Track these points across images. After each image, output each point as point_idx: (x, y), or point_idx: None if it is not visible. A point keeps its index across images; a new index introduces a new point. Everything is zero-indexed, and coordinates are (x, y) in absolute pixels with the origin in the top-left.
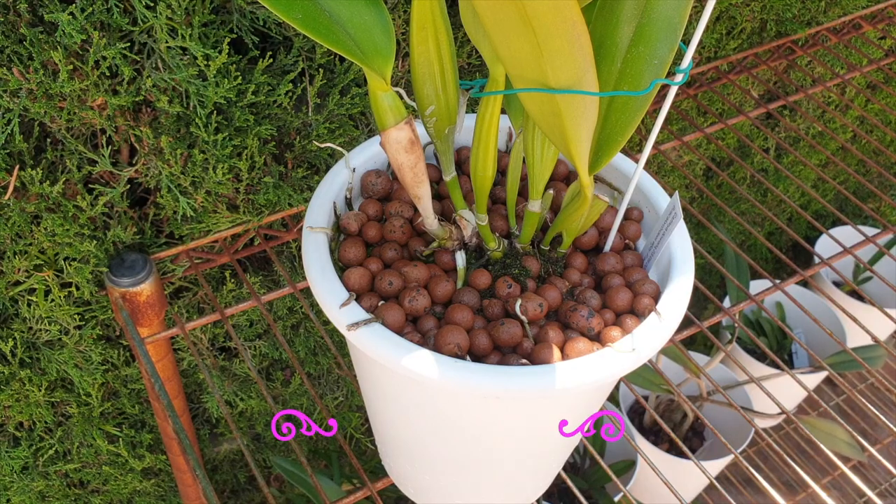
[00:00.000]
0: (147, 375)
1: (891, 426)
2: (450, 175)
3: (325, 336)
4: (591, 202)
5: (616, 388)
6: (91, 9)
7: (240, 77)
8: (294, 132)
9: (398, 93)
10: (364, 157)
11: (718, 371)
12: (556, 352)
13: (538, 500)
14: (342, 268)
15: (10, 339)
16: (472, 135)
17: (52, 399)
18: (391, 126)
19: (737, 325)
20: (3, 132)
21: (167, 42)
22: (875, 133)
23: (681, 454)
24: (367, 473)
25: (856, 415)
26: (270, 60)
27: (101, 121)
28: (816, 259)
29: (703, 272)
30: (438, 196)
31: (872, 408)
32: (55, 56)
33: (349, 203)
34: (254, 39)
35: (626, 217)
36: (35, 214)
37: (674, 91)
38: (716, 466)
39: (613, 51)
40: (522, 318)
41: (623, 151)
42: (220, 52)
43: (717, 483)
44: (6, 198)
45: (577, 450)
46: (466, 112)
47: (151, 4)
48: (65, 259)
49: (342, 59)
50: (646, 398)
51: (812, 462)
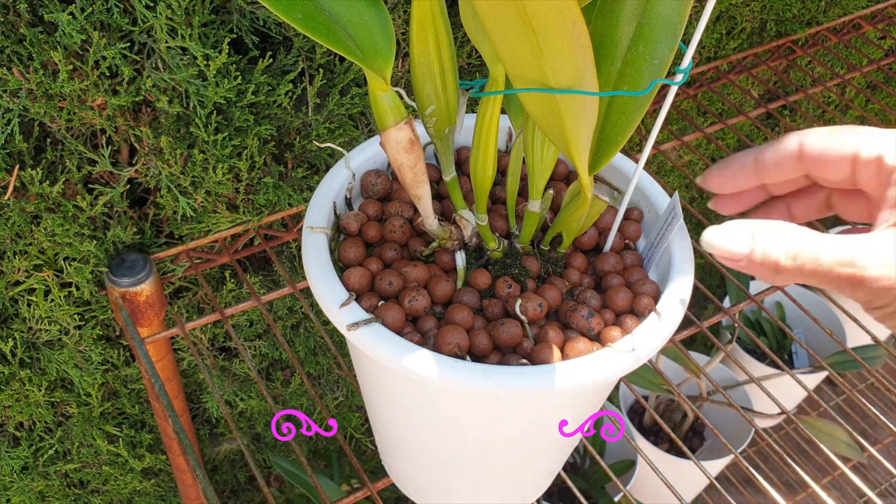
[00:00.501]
0: (147, 375)
1: (891, 426)
2: (450, 175)
3: (325, 336)
4: (591, 202)
5: (616, 388)
6: (91, 9)
7: (240, 77)
8: (294, 132)
9: (398, 93)
10: (364, 157)
11: (718, 371)
12: (556, 352)
13: (538, 500)
14: (342, 268)
15: (10, 339)
16: (472, 135)
17: (52, 399)
18: (391, 126)
19: (737, 325)
20: (3, 132)
21: (167, 42)
22: None
23: (681, 454)
24: (367, 473)
25: (856, 415)
26: (270, 60)
27: (101, 121)
28: None
29: (703, 272)
30: (438, 196)
31: (872, 408)
32: (55, 56)
33: (349, 203)
34: (254, 39)
35: (626, 217)
36: (35, 214)
37: (674, 91)
38: (716, 466)
39: (613, 51)
40: (522, 318)
41: (623, 151)
42: (220, 52)
43: (717, 483)
44: (6, 198)
45: (577, 450)
46: (466, 112)
47: (151, 4)
48: (65, 259)
49: (342, 59)
50: (646, 398)
51: (812, 462)
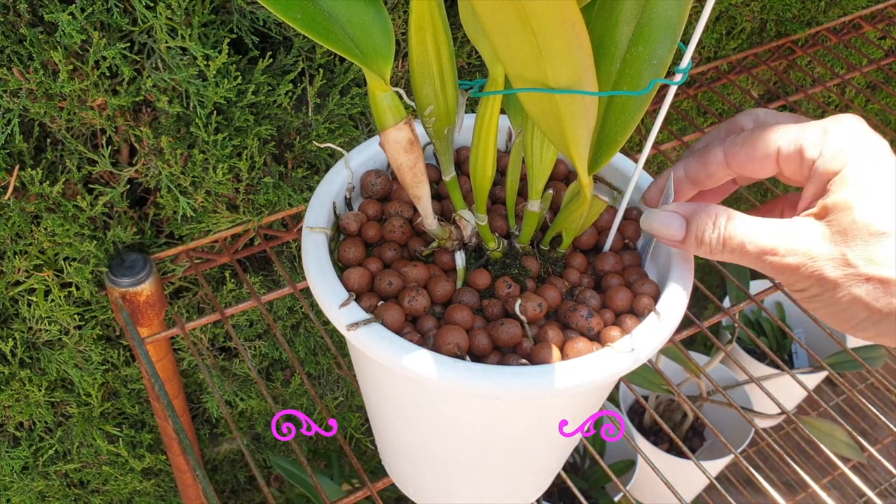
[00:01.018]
0: (147, 375)
1: (891, 426)
2: (449, 175)
3: (325, 336)
4: (591, 202)
5: (616, 388)
6: (91, 9)
7: (240, 77)
8: (294, 132)
9: (398, 93)
10: (364, 157)
11: (718, 371)
12: (556, 352)
13: (538, 500)
14: (342, 268)
15: (10, 339)
16: (472, 135)
17: (52, 399)
18: (390, 126)
19: (737, 325)
20: (3, 132)
21: (167, 42)
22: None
23: (681, 454)
24: (367, 473)
25: (856, 415)
26: (270, 60)
27: (101, 121)
28: None
29: (703, 272)
30: (438, 196)
31: (872, 408)
32: (55, 56)
33: (349, 203)
34: (254, 39)
35: (626, 217)
36: (35, 214)
37: (673, 91)
38: (716, 466)
39: (613, 51)
40: (522, 318)
41: (623, 151)
42: (220, 52)
43: (717, 483)
44: (6, 198)
45: (577, 450)
46: (466, 112)
47: (151, 4)
48: (65, 259)
49: (342, 59)
50: (646, 398)
51: (812, 462)
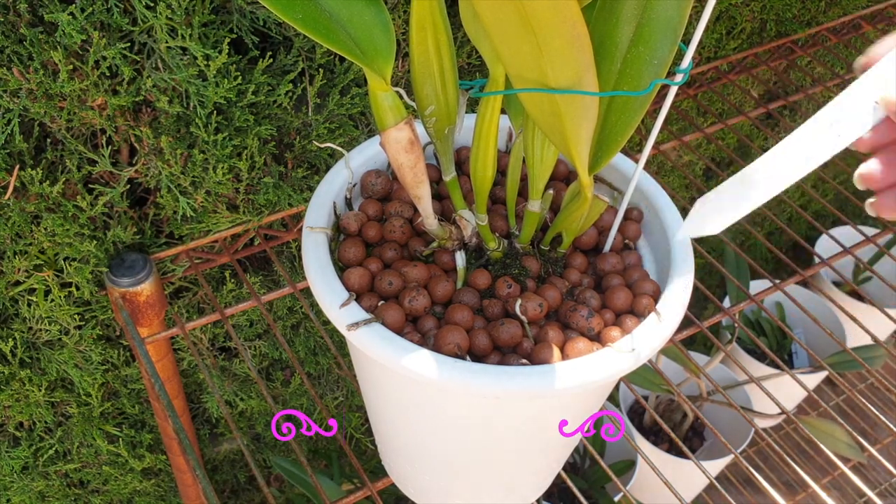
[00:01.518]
0: (147, 375)
1: (891, 426)
2: (450, 175)
3: (325, 336)
4: (591, 202)
5: (616, 388)
6: (91, 9)
7: (240, 77)
8: (294, 132)
9: (398, 93)
10: (364, 157)
11: (718, 371)
12: (556, 352)
13: (538, 500)
14: (342, 268)
15: (10, 339)
16: (472, 135)
17: (52, 399)
18: (391, 126)
19: (737, 325)
20: (3, 132)
21: (167, 42)
22: None
23: (681, 454)
24: (367, 473)
25: (856, 415)
26: (270, 60)
27: (101, 121)
28: (816, 259)
29: (703, 272)
30: (438, 196)
31: (872, 408)
32: (55, 56)
33: (349, 203)
34: (254, 39)
35: (626, 217)
36: (35, 214)
37: (674, 91)
38: (716, 466)
39: (613, 51)
40: (522, 318)
41: (623, 151)
42: (220, 52)
43: (717, 483)
44: (6, 198)
45: (577, 450)
46: (466, 112)
47: (151, 4)
48: (65, 259)
49: (342, 59)
50: (646, 398)
51: (812, 462)
